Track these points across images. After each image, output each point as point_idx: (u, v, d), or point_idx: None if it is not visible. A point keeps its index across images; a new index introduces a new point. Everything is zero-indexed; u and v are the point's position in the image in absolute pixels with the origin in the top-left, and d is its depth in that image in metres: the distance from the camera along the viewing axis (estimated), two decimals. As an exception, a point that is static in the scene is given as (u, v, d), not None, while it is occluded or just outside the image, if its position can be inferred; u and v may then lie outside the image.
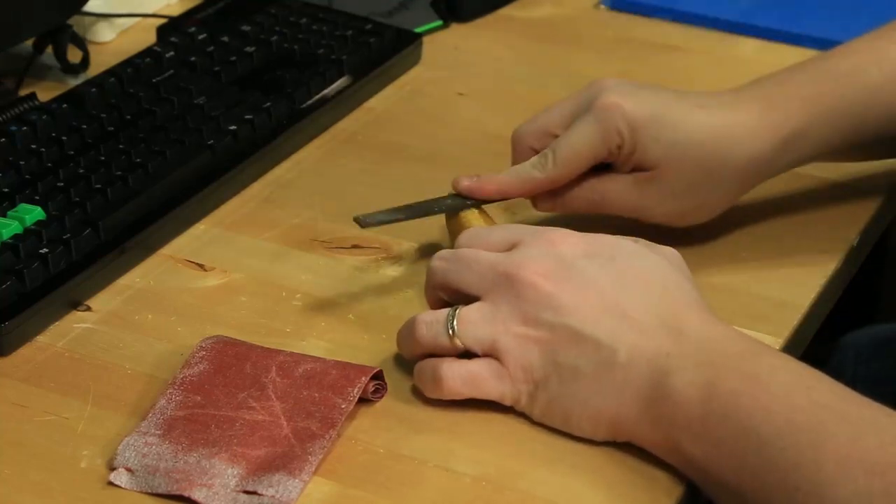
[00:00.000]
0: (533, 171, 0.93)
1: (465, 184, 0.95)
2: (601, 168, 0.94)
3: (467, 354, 0.83)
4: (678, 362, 0.78)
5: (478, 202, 0.95)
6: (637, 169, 0.92)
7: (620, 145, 0.91)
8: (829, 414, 0.75)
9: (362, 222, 0.93)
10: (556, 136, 0.93)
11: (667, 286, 0.82)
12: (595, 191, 0.93)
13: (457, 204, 0.95)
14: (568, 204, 0.94)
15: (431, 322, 0.83)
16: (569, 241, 0.83)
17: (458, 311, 0.83)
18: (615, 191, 0.93)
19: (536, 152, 0.94)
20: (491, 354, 0.82)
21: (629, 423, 0.80)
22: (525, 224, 0.91)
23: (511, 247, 0.84)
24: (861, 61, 0.95)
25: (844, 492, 0.72)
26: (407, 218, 0.95)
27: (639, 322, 0.80)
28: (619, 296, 0.80)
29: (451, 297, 0.85)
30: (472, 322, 0.82)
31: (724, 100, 0.93)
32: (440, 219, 0.97)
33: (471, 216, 0.95)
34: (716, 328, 0.80)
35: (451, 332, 0.82)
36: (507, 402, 0.83)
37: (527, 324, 0.81)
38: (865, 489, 0.71)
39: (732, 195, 0.95)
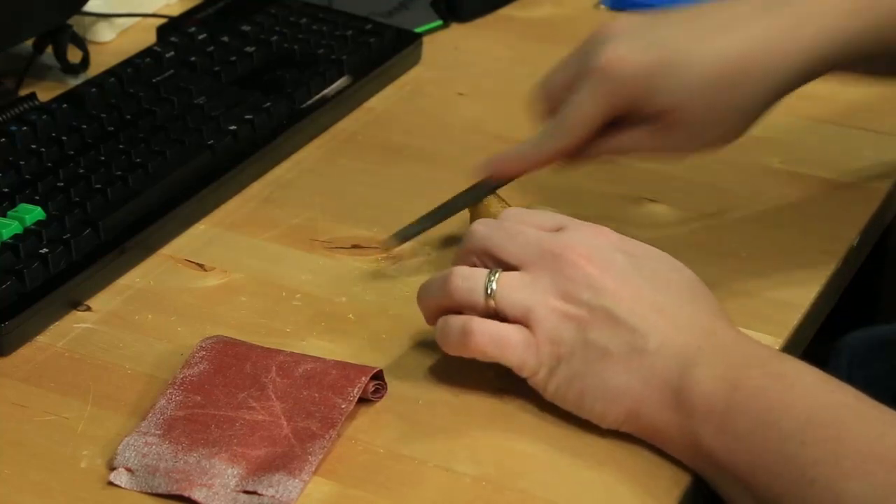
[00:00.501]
0: (545, 140, 0.92)
1: (487, 166, 0.95)
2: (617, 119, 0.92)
3: (493, 318, 0.83)
4: (707, 356, 0.79)
5: (497, 185, 0.95)
6: (653, 115, 0.90)
7: (631, 99, 0.90)
8: (850, 413, 0.76)
9: (396, 241, 0.93)
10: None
11: (697, 295, 0.83)
12: (614, 142, 0.92)
13: (477, 193, 0.96)
14: (591, 158, 0.94)
15: (469, 276, 0.83)
16: (610, 236, 0.84)
17: (498, 273, 0.83)
18: (632, 141, 0.92)
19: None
20: (523, 322, 0.82)
21: (648, 409, 0.80)
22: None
23: (556, 229, 0.84)
24: None
25: (862, 486, 0.72)
26: (435, 223, 0.96)
27: (673, 317, 0.81)
28: (655, 290, 0.81)
29: (485, 264, 0.85)
30: (512, 286, 0.82)
31: (741, 13, 0.89)
32: (440, 223, 0.97)
33: (494, 201, 0.95)
34: (743, 335, 0.82)
35: (488, 290, 0.82)
36: (525, 373, 0.82)
37: (565, 299, 0.81)
38: (883, 484, 0.72)
39: (759, 111, 0.91)
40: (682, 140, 0.91)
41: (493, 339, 0.82)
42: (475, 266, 0.85)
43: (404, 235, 0.96)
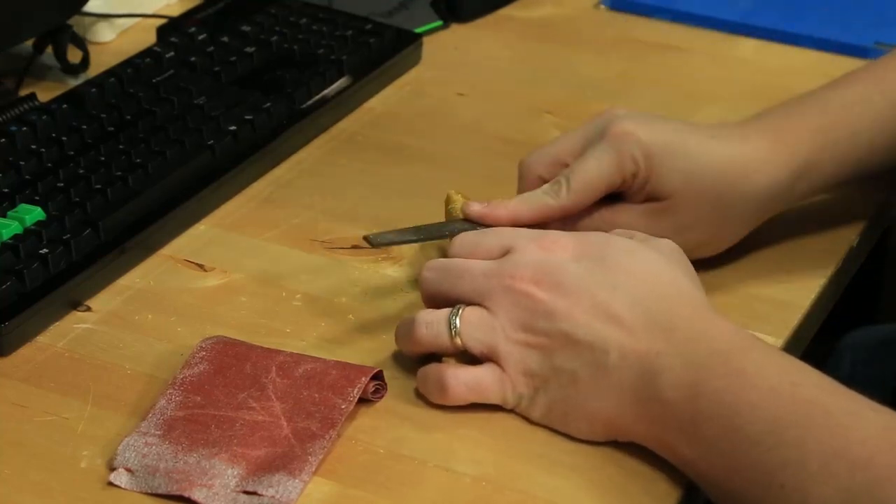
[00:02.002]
0: (546, 198, 0.91)
1: (476, 209, 0.92)
2: (613, 198, 0.92)
3: (464, 354, 0.83)
4: (667, 361, 0.79)
5: (488, 227, 0.92)
6: (650, 199, 0.91)
7: (635, 173, 0.90)
8: (813, 409, 0.75)
9: (372, 241, 0.92)
10: (567, 165, 0.91)
11: (659, 282, 0.82)
12: (606, 221, 0.91)
13: (466, 228, 0.92)
14: (578, 230, 0.91)
15: (432, 322, 0.84)
16: (559, 244, 0.83)
17: (461, 310, 0.83)
18: (627, 222, 0.91)
19: (545, 182, 0.92)
20: (491, 359, 0.82)
21: (626, 424, 0.80)
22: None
23: (503, 252, 0.84)
24: (865, 90, 0.94)
25: (828, 488, 0.72)
26: (417, 240, 0.93)
27: (629, 323, 0.80)
28: (609, 297, 0.81)
29: (445, 305, 0.85)
30: (473, 325, 0.83)
31: (733, 131, 0.92)
32: (441, 221, 0.97)
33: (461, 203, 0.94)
34: (707, 323, 0.80)
35: (452, 331, 0.83)
36: (509, 406, 0.83)
37: (525, 330, 0.82)
38: (848, 484, 0.72)
39: (744, 227, 0.93)
40: (678, 229, 0.91)
41: (469, 387, 0.83)
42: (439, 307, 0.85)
43: (382, 240, 0.92)
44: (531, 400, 0.82)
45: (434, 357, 0.86)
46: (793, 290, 0.95)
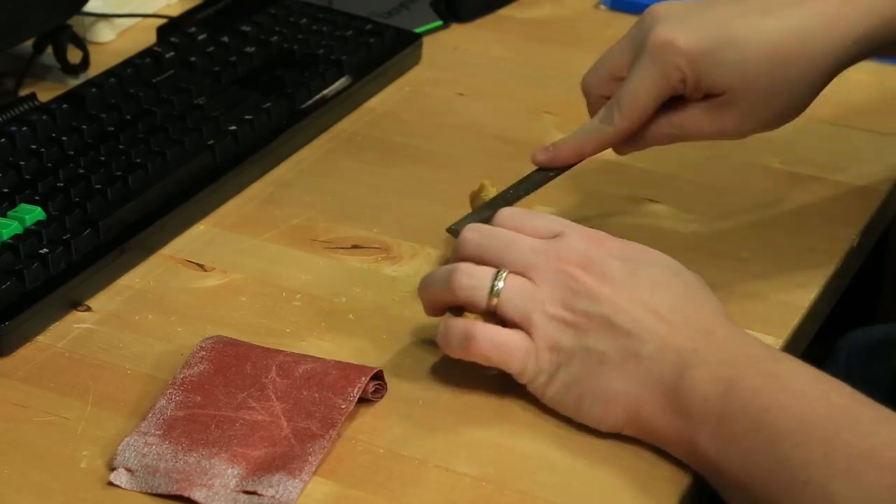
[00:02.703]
0: (603, 126, 0.92)
1: (542, 156, 0.94)
2: (674, 99, 0.91)
3: (492, 317, 0.83)
4: (703, 357, 0.79)
5: (559, 170, 0.95)
6: (708, 95, 0.90)
7: (683, 80, 0.89)
8: (842, 413, 0.76)
9: (455, 231, 0.91)
10: (623, 78, 0.91)
11: (696, 294, 0.83)
12: (672, 124, 0.91)
13: (540, 178, 0.95)
14: (649, 142, 0.93)
15: (474, 274, 0.83)
16: (606, 243, 0.84)
17: (505, 274, 0.83)
18: (692, 121, 0.91)
19: (608, 100, 0.92)
20: (521, 327, 0.83)
21: (646, 412, 0.80)
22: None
23: (551, 235, 0.84)
24: None
25: (852, 488, 0.73)
26: (494, 212, 0.91)
27: (669, 320, 0.81)
28: (650, 295, 0.82)
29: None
30: (516, 290, 0.83)
31: None
32: (440, 221, 0.97)
33: (494, 194, 0.94)
34: (741, 333, 0.82)
35: (493, 290, 0.83)
36: (524, 380, 0.83)
37: (564, 307, 0.82)
38: (873, 485, 0.72)
39: (815, 91, 0.91)
40: (739, 119, 0.90)
41: (495, 345, 0.82)
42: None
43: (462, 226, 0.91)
44: (550, 376, 0.82)
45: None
46: (793, 291, 0.95)
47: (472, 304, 0.84)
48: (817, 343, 0.98)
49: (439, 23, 1.27)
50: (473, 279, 0.83)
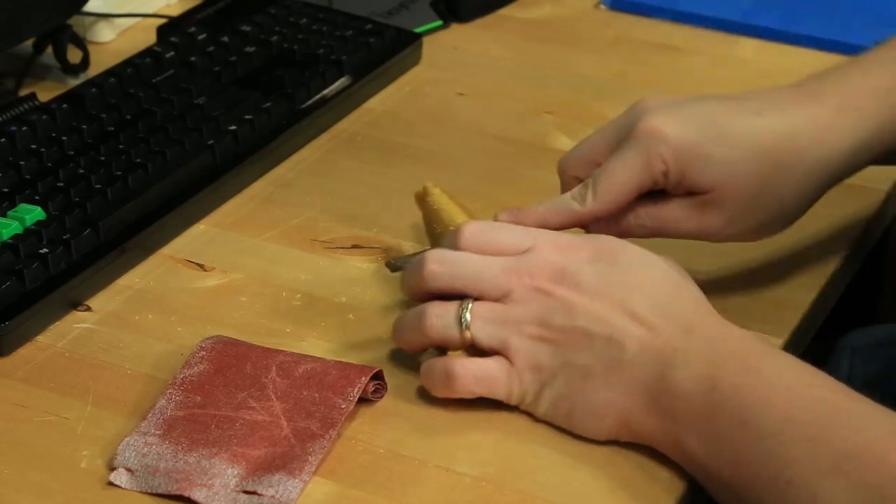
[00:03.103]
0: (573, 203, 0.87)
1: (504, 218, 0.89)
2: (657, 191, 0.88)
3: (471, 349, 0.83)
4: (684, 356, 0.79)
5: None
6: (692, 192, 0.87)
7: (665, 172, 0.86)
8: (829, 409, 0.75)
9: (392, 266, 0.91)
10: (600, 165, 0.87)
11: (676, 287, 0.82)
12: (651, 217, 0.88)
13: None
14: (624, 232, 0.88)
15: (441, 314, 0.83)
16: (575, 246, 0.83)
17: (470, 304, 0.82)
18: (673, 217, 0.87)
19: (581, 182, 0.88)
20: (500, 352, 0.82)
21: (635, 417, 0.80)
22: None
23: (518, 251, 0.83)
24: None
25: (837, 486, 0.72)
26: None
27: (647, 320, 0.80)
28: (627, 296, 0.81)
29: (453, 298, 0.84)
30: (485, 318, 0.82)
31: (784, 99, 0.87)
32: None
33: (454, 210, 0.93)
34: (723, 327, 0.81)
35: (463, 323, 0.82)
36: (513, 402, 0.83)
37: (540, 325, 0.81)
38: (858, 483, 0.72)
39: (804, 203, 0.88)
40: (723, 221, 0.87)
41: (476, 378, 0.82)
42: (432, 297, 0.84)
43: (403, 264, 0.91)
44: (536, 395, 0.82)
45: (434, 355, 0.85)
46: (793, 290, 0.95)
47: (447, 343, 0.83)
48: (817, 343, 0.98)
49: (439, 23, 1.27)
50: (443, 318, 0.83)
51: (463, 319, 0.82)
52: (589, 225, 0.89)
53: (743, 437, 0.76)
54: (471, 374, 0.82)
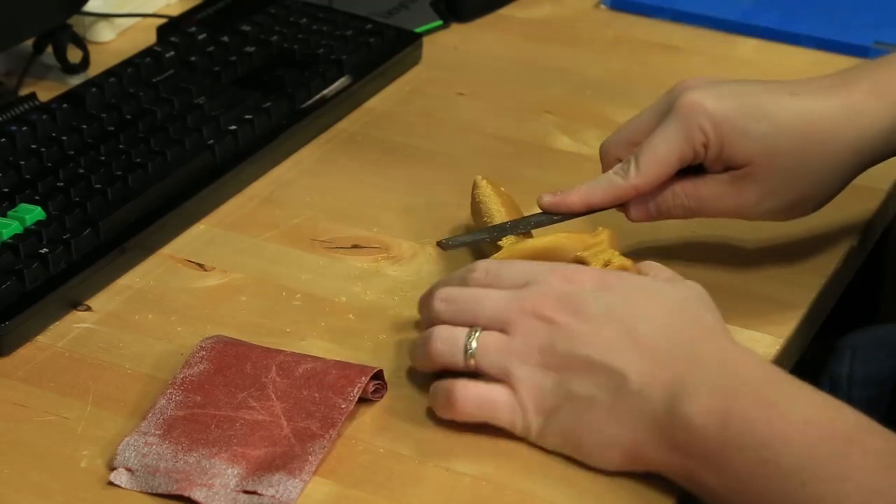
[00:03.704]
0: (616, 178, 0.89)
1: (548, 199, 0.91)
2: (694, 170, 0.90)
3: (476, 376, 0.82)
4: (693, 388, 0.76)
5: (564, 217, 0.92)
6: (730, 167, 0.88)
7: (706, 143, 0.87)
8: (851, 446, 0.73)
9: (445, 245, 0.91)
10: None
11: (681, 317, 0.80)
12: (689, 196, 0.89)
13: (543, 220, 0.92)
14: (663, 211, 0.90)
15: (448, 339, 0.82)
16: (580, 276, 0.82)
17: (478, 332, 0.82)
18: (710, 193, 0.89)
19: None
20: (504, 382, 0.81)
21: (646, 451, 0.78)
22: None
23: (524, 284, 0.83)
24: None
25: None
26: (491, 239, 0.92)
27: (652, 349, 0.78)
28: (631, 325, 0.79)
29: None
30: (490, 348, 0.81)
31: (818, 85, 0.89)
32: (440, 221, 0.97)
33: (489, 203, 0.94)
34: (734, 354, 0.79)
35: (468, 351, 0.82)
36: (517, 432, 0.82)
37: (542, 353, 0.80)
38: None
39: (837, 183, 0.90)
40: (758, 196, 0.88)
41: (477, 404, 0.81)
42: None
43: (454, 243, 0.92)
44: (541, 427, 0.81)
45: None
46: (793, 290, 0.95)
47: (453, 368, 0.82)
48: (817, 343, 0.98)
49: (439, 23, 1.27)
50: (448, 343, 0.82)
51: (468, 347, 0.82)
52: (630, 206, 0.90)
53: (764, 476, 0.74)
54: (472, 397, 0.81)
